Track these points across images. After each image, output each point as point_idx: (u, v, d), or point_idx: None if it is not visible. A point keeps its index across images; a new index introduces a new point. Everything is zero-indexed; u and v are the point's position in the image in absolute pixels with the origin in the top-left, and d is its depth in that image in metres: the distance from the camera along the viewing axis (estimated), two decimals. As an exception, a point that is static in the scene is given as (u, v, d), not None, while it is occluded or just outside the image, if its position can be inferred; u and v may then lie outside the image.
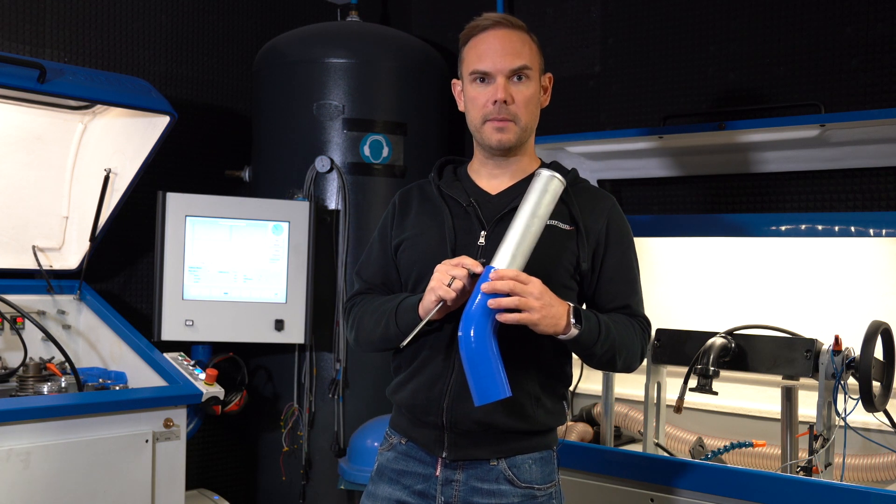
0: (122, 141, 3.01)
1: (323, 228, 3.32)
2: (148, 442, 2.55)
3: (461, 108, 1.83)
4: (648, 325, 1.80)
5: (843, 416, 2.28)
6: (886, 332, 2.30)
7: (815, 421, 2.30)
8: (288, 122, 3.40)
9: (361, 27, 3.54)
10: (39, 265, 3.00)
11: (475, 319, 1.56)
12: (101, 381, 2.76)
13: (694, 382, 2.43)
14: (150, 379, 2.76)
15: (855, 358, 2.26)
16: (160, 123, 2.88)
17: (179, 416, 2.64)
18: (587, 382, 3.04)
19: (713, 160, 2.98)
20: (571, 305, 1.62)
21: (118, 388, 2.72)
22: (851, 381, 2.29)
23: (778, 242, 2.76)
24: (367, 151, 3.36)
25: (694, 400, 2.56)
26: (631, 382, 2.97)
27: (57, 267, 3.08)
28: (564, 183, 1.66)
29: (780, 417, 2.42)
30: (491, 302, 1.54)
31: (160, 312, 3.05)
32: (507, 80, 1.70)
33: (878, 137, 2.57)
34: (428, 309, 1.62)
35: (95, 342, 3.03)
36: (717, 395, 2.40)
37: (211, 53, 3.66)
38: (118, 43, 3.37)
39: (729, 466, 2.38)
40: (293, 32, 3.53)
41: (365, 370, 3.37)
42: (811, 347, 2.33)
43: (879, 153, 2.66)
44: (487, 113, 1.72)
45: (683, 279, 2.98)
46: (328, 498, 3.37)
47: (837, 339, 2.28)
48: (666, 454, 2.59)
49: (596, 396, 2.97)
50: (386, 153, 3.39)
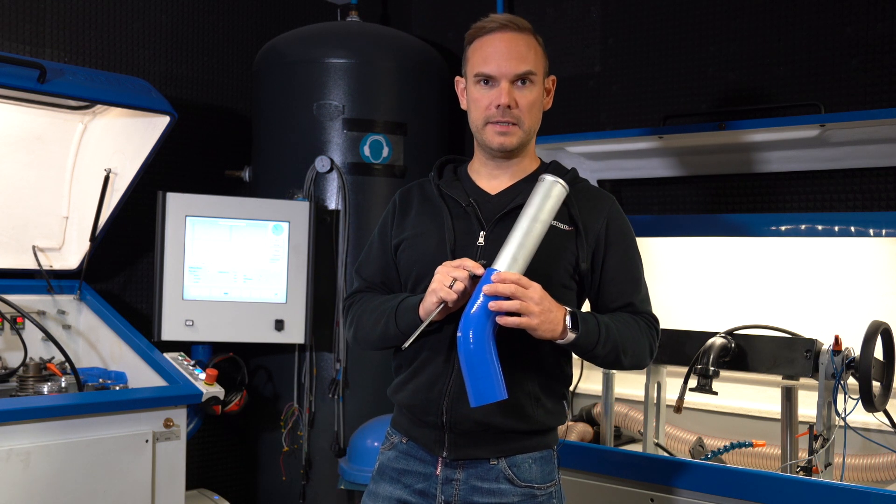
0: (122, 141, 3.01)
1: (323, 228, 3.32)
2: (148, 442, 2.55)
3: (463, 106, 1.83)
4: (655, 321, 1.79)
5: (842, 416, 2.28)
6: (886, 332, 2.30)
7: (814, 421, 2.30)
8: (288, 122, 3.40)
9: (361, 27, 3.54)
10: (39, 265, 3.00)
11: (475, 321, 1.56)
12: (101, 381, 2.77)
13: (694, 382, 2.43)
14: (150, 379, 2.76)
15: (855, 358, 2.26)
16: (160, 123, 2.88)
17: (179, 416, 2.64)
18: (587, 382, 3.04)
19: (713, 160, 2.98)
20: (569, 310, 1.62)
21: (118, 388, 2.72)
22: (851, 381, 2.29)
23: (778, 242, 2.76)
24: (367, 151, 3.36)
25: (694, 400, 2.56)
26: (631, 382, 2.97)
27: (57, 267, 3.08)
28: (567, 189, 1.67)
29: (780, 417, 2.42)
30: (492, 304, 1.55)
31: (160, 312, 3.05)
32: (511, 84, 1.70)
33: (878, 137, 2.57)
34: (429, 310, 1.62)
35: (95, 342, 3.03)
36: (717, 395, 2.40)
37: (211, 53, 3.66)
38: (118, 43, 3.37)
39: (729, 466, 2.37)
40: (293, 32, 3.53)
41: (365, 370, 3.37)
42: (811, 347, 2.33)
43: (879, 153, 2.66)
44: (490, 115, 1.72)
45: (683, 279, 2.98)
46: (328, 498, 3.37)
47: (837, 339, 2.28)
48: (666, 454, 2.59)
49: (596, 396, 2.97)
50: (386, 153, 3.39)
